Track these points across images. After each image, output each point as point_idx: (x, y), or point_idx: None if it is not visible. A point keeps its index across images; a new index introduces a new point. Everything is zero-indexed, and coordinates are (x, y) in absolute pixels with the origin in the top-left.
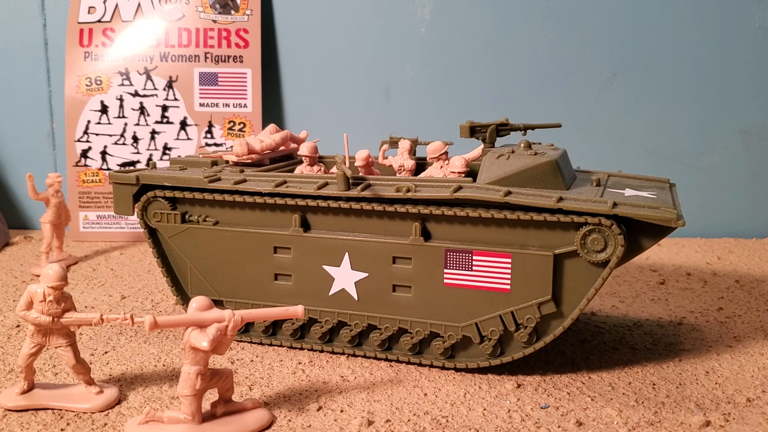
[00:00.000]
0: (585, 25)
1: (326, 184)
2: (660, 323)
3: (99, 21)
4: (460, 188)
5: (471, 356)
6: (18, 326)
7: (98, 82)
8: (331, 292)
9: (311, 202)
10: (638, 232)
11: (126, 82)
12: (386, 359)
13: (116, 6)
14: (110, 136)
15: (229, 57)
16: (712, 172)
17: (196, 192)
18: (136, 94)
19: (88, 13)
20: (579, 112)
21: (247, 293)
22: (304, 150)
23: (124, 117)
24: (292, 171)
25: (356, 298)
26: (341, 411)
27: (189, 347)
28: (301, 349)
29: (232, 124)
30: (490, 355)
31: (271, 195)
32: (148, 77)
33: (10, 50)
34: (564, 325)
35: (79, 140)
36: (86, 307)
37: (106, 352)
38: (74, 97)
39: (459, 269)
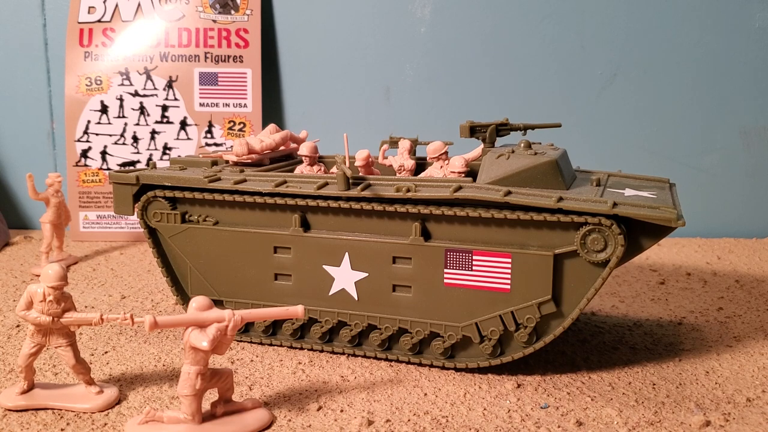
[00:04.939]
0: (585, 25)
1: (326, 184)
2: (660, 323)
3: (99, 21)
4: (460, 188)
5: (471, 356)
6: (18, 326)
7: (98, 82)
8: (331, 292)
9: (311, 202)
10: (638, 232)
11: (126, 82)
12: (386, 359)
13: (116, 6)
14: (110, 136)
15: (229, 57)
16: (712, 172)
17: (196, 192)
18: (136, 94)
19: (88, 13)
20: (579, 112)
21: (247, 293)
22: (304, 150)
23: (124, 117)
24: (292, 171)
25: (356, 298)
26: (341, 411)
27: (189, 347)
28: (301, 349)
29: (232, 124)
30: (490, 355)
31: (271, 195)
32: (148, 77)
33: (10, 50)
34: (564, 325)
35: (79, 140)
36: (86, 307)
37: (106, 352)
38: (74, 97)
39: (459, 269)
